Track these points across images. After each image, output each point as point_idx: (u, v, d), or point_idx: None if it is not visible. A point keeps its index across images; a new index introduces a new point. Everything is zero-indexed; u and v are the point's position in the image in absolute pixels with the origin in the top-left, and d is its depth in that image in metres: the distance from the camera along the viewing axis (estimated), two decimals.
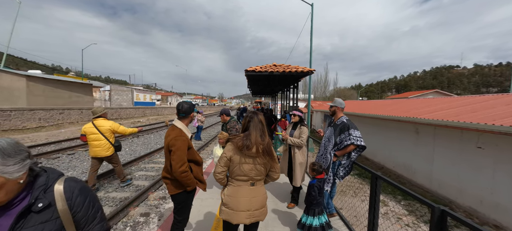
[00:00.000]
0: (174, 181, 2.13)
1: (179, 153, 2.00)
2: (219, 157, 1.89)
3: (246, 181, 1.83)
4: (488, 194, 5.26)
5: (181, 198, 2.17)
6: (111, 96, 29.93)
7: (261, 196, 1.90)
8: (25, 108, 13.25)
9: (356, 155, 3.07)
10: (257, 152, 1.78)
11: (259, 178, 1.88)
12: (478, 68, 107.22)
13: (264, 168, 1.87)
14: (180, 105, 2.25)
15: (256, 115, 1.89)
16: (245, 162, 1.79)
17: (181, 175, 2.01)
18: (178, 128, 2.15)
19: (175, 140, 2.03)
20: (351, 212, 4.80)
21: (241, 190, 1.83)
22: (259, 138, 1.80)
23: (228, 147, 1.83)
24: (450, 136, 6.31)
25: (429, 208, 1.75)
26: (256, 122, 1.85)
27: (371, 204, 2.55)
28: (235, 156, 1.79)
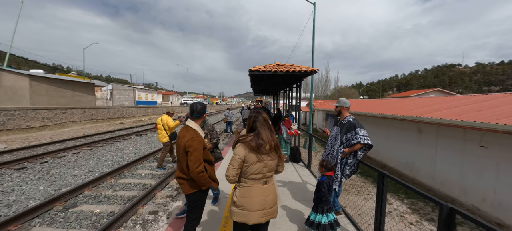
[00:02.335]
0: (190, 181, 2.18)
1: (196, 154, 2.05)
2: (232, 159, 1.87)
3: (259, 179, 1.85)
4: (491, 193, 5.30)
5: (196, 197, 2.23)
6: (113, 95, 30.02)
7: (273, 193, 1.94)
8: (28, 107, 13.34)
9: (362, 153, 3.11)
10: (270, 149, 1.83)
11: (270, 174, 1.92)
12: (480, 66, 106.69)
13: (274, 163, 1.91)
14: (194, 106, 2.31)
15: (260, 114, 1.92)
16: (259, 160, 1.82)
17: (198, 175, 2.06)
18: (193, 129, 2.20)
19: (192, 141, 2.08)
20: (356, 210, 4.85)
21: (254, 189, 1.84)
22: (269, 135, 1.85)
23: (240, 148, 1.83)
24: (454, 135, 6.34)
25: (437, 206, 1.80)
26: (262, 120, 1.89)
27: (377, 202, 2.59)
28: (250, 155, 1.80)
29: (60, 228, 3.44)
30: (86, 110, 17.79)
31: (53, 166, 6.49)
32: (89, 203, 4.28)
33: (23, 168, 6.11)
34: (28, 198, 4.45)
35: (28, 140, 10.21)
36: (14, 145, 9.15)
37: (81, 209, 4.03)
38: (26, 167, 6.21)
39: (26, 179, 5.38)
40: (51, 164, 6.67)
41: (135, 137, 11.77)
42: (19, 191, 4.71)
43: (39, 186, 5.03)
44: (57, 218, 3.70)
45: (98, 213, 3.91)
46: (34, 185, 5.06)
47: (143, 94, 34.65)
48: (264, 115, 1.92)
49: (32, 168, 6.17)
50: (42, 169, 6.13)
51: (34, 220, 3.60)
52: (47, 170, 6.07)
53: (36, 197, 4.47)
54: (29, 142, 9.75)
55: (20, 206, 4.12)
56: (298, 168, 5.91)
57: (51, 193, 4.71)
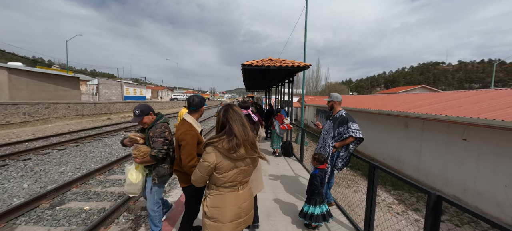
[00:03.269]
0: (184, 174, 2.17)
1: (188, 148, 2.01)
2: (200, 164, 1.54)
3: (233, 186, 1.60)
4: (471, 183, 5.63)
5: (191, 191, 2.22)
6: (99, 90, 28.96)
7: (249, 198, 1.72)
8: (8, 102, 12.62)
9: (353, 147, 3.21)
10: (246, 150, 1.54)
11: (247, 180, 1.68)
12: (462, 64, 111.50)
13: (252, 166, 1.66)
14: (191, 99, 2.27)
15: (230, 107, 1.64)
16: (234, 167, 1.55)
17: (190, 169, 2.01)
18: (188, 122, 2.16)
19: (184, 134, 2.04)
20: (346, 202, 5.00)
21: (228, 197, 1.59)
22: (243, 133, 1.54)
23: (210, 153, 1.50)
24: (438, 129, 6.64)
25: (426, 195, 1.89)
26: (234, 114, 1.59)
27: (368, 192, 2.69)
28: (223, 161, 1.51)
29: (48, 226, 3.33)
30: (70, 105, 17.06)
31: (37, 163, 6.22)
32: (77, 200, 4.16)
33: (4, 166, 5.82)
34: (11, 196, 4.25)
35: (8, 137, 9.69)
36: None
37: (69, 206, 3.91)
38: (7, 165, 5.91)
39: (8, 177, 5.13)
40: (35, 161, 6.39)
41: (124, 133, 11.47)
42: (1, 189, 4.49)
43: (22, 183, 4.82)
44: (44, 216, 3.57)
45: (88, 209, 3.81)
46: (17, 183, 4.83)
47: (131, 89, 33.64)
48: (236, 107, 1.66)
49: (14, 165, 5.89)
50: (25, 166, 5.86)
51: (19, 219, 3.46)
52: (31, 167, 5.81)
53: (20, 195, 4.28)
54: (9, 139, 9.26)
55: (3, 204, 3.93)
56: (291, 162, 6.00)
57: (36, 190, 4.52)
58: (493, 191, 5.05)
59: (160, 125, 2.33)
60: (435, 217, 1.82)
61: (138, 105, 2.33)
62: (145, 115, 2.31)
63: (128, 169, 2.44)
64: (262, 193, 3.95)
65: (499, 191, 4.94)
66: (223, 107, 1.67)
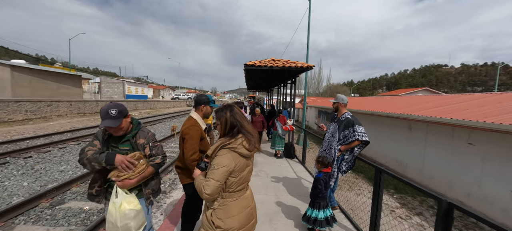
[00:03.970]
0: (186, 171, 2.16)
1: (191, 142, 2.03)
2: (213, 172, 1.40)
3: (243, 188, 1.55)
4: (476, 188, 5.53)
5: (191, 189, 2.18)
6: (101, 89, 29.03)
7: (253, 196, 1.70)
8: (10, 99, 12.66)
9: (359, 150, 3.14)
10: (259, 146, 1.58)
11: (250, 178, 1.66)
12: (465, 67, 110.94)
13: (253, 163, 1.67)
14: (198, 97, 2.33)
15: (235, 107, 1.60)
16: (247, 164, 1.53)
17: (192, 163, 2.02)
18: (194, 118, 2.20)
19: (188, 128, 2.07)
20: (348, 205, 4.93)
21: (239, 202, 1.51)
22: (253, 131, 1.58)
23: (227, 156, 1.42)
24: (442, 132, 6.55)
25: (436, 201, 1.82)
26: (241, 114, 1.58)
27: (374, 197, 2.62)
28: (240, 161, 1.46)
29: (47, 226, 3.28)
30: (72, 103, 17.09)
31: (38, 161, 6.20)
32: (77, 200, 4.12)
33: (5, 163, 5.80)
34: (11, 194, 4.22)
35: (10, 134, 9.70)
36: None
37: (69, 206, 3.87)
38: (8, 162, 5.89)
39: (8, 175, 5.10)
40: (36, 159, 6.36)
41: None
42: (1, 187, 4.46)
43: (23, 182, 4.79)
44: (43, 215, 3.53)
45: (87, 210, 3.76)
46: (17, 181, 4.80)
47: (133, 88, 33.70)
48: (238, 108, 1.63)
49: (14, 163, 5.87)
50: (26, 164, 5.84)
51: (18, 218, 3.42)
52: (32, 165, 5.79)
53: (20, 194, 4.25)
54: (11, 136, 9.27)
55: (3, 203, 3.90)
56: (293, 164, 5.93)
57: (36, 189, 4.49)
58: (499, 196, 4.96)
59: (146, 130, 1.84)
60: (446, 226, 1.75)
61: (112, 104, 1.67)
62: (124, 118, 1.68)
63: (118, 202, 1.59)
64: (264, 195, 3.89)
65: (504, 196, 4.85)
66: (227, 107, 1.58)
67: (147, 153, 1.76)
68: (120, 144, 1.74)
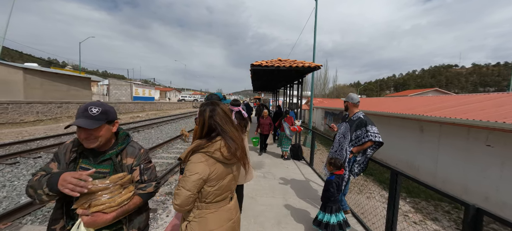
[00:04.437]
0: None
1: None
2: (185, 180, 1.21)
3: (224, 199, 1.34)
4: (494, 192, 5.25)
5: None
6: (110, 91, 29.59)
7: (238, 207, 1.51)
8: (22, 101, 13.00)
9: (372, 151, 2.99)
10: (243, 152, 1.33)
11: (234, 187, 1.46)
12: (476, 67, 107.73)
13: (239, 171, 1.45)
14: (208, 97, 2.23)
15: (216, 106, 1.35)
16: (229, 173, 1.32)
17: None
18: None
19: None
20: (359, 209, 4.75)
21: (220, 215, 1.31)
22: (238, 136, 1.33)
23: (200, 162, 1.21)
24: (457, 134, 6.27)
25: (462, 207, 1.67)
26: (224, 116, 1.33)
27: (390, 201, 2.47)
28: (218, 169, 1.25)
29: None
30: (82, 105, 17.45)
31: (47, 161, 6.27)
32: None
33: (15, 163, 5.89)
34: (19, 194, 4.25)
35: (21, 135, 9.92)
36: (7, 139, 8.86)
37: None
38: (18, 162, 5.98)
39: (18, 175, 5.17)
40: (45, 159, 6.45)
41: (132, 133, 11.55)
42: (11, 187, 4.51)
43: None
44: (50, 215, 3.52)
45: None
46: (26, 181, 4.85)
47: (140, 89, 34.22)
48: (223, 105, 1.38)
49: (25, 163, 5.95)
50: (35, 164, 5.91)
51: (26, 218, 3.41)
52: (41, 165, 5.86)
53: None
54: (22, 137, 9.47)
55: (11, 202, 3.92)
56: (300, 166, 5.79)
57: None
58: None
59: (137, 146, 1.36)
60: None
61: (97, 102, 1.25)
62: (107, 123, 1.20)
63: None
64: (272, 198, 3.78)
65: None
66: (209, 105, 1.35)
67: (136, 179, 1.24)
68: (96, 164, 1.19)
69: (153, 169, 1.33)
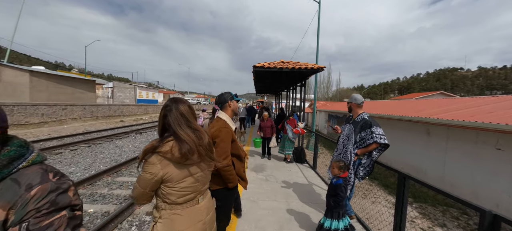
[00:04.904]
0: (215, 176, 2.00)
1: (222, 145, 1.88)
2: (140, 178, 1.21)
3: (191, 199, 1.30)
4: (506, 197, 5.05)
5: (221, 195, 2.01)
6: (114, 93, 29.90)
7: (212, 207, 1.46)
8: (28, 103, 13.16)
9: (377, 154, 2.88)
10: (201, 157, 1.27)
11: (206, 187, 1.41)
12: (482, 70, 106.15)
13: (209, 173, 1.40)
14: (220, 96, 2.16)
15: (174, 103, 1.30)
16: (188, 175, 1.26)
17: (224, 168, 1.86)
18: (223, 119, 2.03)
19: (219, 131, 1.91)
20: (363, 214, 4.60)
21: (187, 216, 1.27)
22: (195, 137, 1.25)
23: (154, 162, 1.18)
24: (465, 137, 6.09)
25: (477, 213, 1.56)
26: (178, 116, 1.26)
27: (397, 206, 2.36)
28: (173, 170, 1.21)
29: None
30: (86, 107, 17.60)
31: (49, 163, 6.26)
32: (83, 202, 4.05)
33: None
34: None
35: (26, 136, 10.01)
36: None
37: None
38: None
39: None
40: (48, 160, 6.45)
41: (135, 135, 11.57)
42: None
43: None
44: None
45: (92, 212, 3.68)
46: None
47: (144, 92, 34.52)
48: (182, 105, 1.31)
49: None
50: None
51: None
52: None
53: None
54: (26, 138, 9.54)
55: None
56: (303, 169, 5.67)
57: None
58: None
59: (35, 174, 0.73)
60: None
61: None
62: None
63: None
64: (274, 201, 3.67)
65: None
66: (166, 104, 1.32)
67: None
68: None
69: (53, 225, 0.69)
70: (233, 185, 1.97)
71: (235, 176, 1.97)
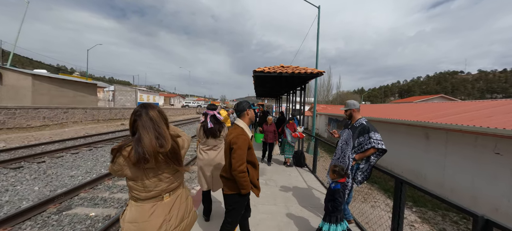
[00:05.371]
0: (230, 181, 2.08)
1: (239, 152, 1.96)
2: (112, 163, 1.33)
3: (155, 196, 1.37)
4: (505, 202, 5.06)
5: (233, 200, 2.09)
6: (115, 97, 30.02)
7: (182, 206, 1.48)
8: (30, 106, 13.26)
9: (375, 158, 2.92)
10: (157, 162, 1.30)
11: (174, 186, 1.44)
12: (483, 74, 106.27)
13: (173, 176, 1.42)
14: (239, 105, 2.25)
15: (144, 109, 1.35)
16: (146, 177, 1.31)
17: (239, 174, 1.94)
18: (240, 127, 2.12)
19: (236, 138, 2.00)
20: (363, 218, 4.62)
21: (149, 209, 1.34)
22: (155, 142, 1.28)
23: (119, 162, 1.28)
24: (464, 141, 6.11)
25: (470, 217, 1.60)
26: (146, 119, 1.32)
27: (394, 210, 2.39)
28: (133, 171, 1.29)
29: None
30: (87, 110, 17.70)
31: (51, 166, 6.32)
32: (84, 206, 4.09)
33: (19, 168, 5.94)
34: (21, 199, 4.26)
35: (27, 139, 10.07)
36: (13, 144, 9.00)
37: (75, 211, 3.84)
38: (22, 167, 6.04)
39: (21, 179, 5.20)
40: (49, 164, 6.50)
41: None
42: (13, 191, 4.53)
43: (34, 186, 4.85)
44: (50, 221, 3.51)
45: (93, 216, 3.72)
46: (29, 185, 4.88)
47: (145, 95, 34.64)
48: (152, 112, 1.36)
49: (28, 168, 6.00)
50: (38, 169, 5.96)
51: (26, 223, 3.41)
52: (44, 170, 5.90)
53: (30, 198, 4.29)
54: (28, 141, 9.61)
55: (12, 207, 3.93)
56: (303, 173, 5.70)
57: (46, 194, 4.52)
58: None
59: None
60: None
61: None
62: None
63: None
64: (273, 205, 3.70)
65: None
66: (137, 109, 1.36)
67: None
68: None
69: None
70: (246, 191, 2.04)
71: (249, 183, 2.04)
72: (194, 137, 12.14)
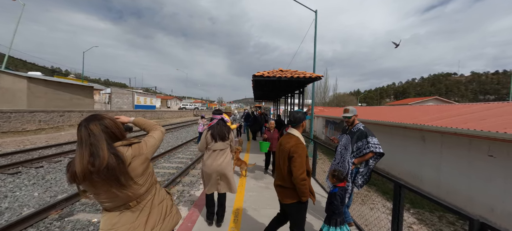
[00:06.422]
0: (288, 190, 2.13)
1: (299, 160, 2.02)
2: None
3: (120, 205, 1.31)
4: (499, 203, 5.20)
5: (295, 209, 2.15)
6: (112, 99, 29.80)
7: (153, 214, 1.41)
8: (25, 110, 13.10)
9: (374, 162, 3.01)
10: (93, 184, 1.16)
11: (140, 192, 1.35)
12: (475, 75, 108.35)
13: (135, 189, 1.30)
14: (296, 115, 2.31)
15: (85, 122, 1.22)
16: (105, 189, 1.21)
17: (301, 182, 1.99)
18: (296, 136, 2.19)
19: (296, 147, 2.05)
20: (362, 220, 4.70)
21: (117, 218, 1.31)
22: (86, 160, 1.12)
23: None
24: (458, 144, 6.27)
25: (466, 220, 1.68)
26: (84, 134, 1.18)
27: (394, 215, 2.47)
28: (85, 186, 1.20)
29: None
30: (84, 113, 17.54)
31: (49, 171, 6.28)
32: (86, 211, 4.09)
33: (17, 173, 5.89)
34: (21, 205, 4.24)
35: (23, 144, 9.95)
36: (9, 148, 8.89)
37: (78, 217, 3.84)
38: (20, 172, 5.99)
39: (20, 185, 5.17)
40: (47, 169, 6.45)
41: None
42: (13, 198, 4.50)
43: (33, 192, 4.82)
44: (52, 227, 3.51)
45: (96, 222, 3.72)
46: (28, 191, 4.85)
47: (142, 98, 34.46)
48: (92, 125, 1.21)
49: (26, 173, 5.95)
50: (37, 174, 5.91)
51: (28, 230, 3.40)
52: (43, 175, 5.86)
53: (30, 204, 4.27)
54: (24, 146, 9.50)
55: (13, 213, 3.91)
56: None
57: (46, 200, 4.50)
58: None
59: None
60: None
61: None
62: None
63: None
64: (273, 209, 3.75)
65: None
66: (81, 121, 1.24)
67: None
68: None
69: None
70: (306, 198, 2.10)
71: (308, 190, 2.09)
72: (193, 140, 12.13)
